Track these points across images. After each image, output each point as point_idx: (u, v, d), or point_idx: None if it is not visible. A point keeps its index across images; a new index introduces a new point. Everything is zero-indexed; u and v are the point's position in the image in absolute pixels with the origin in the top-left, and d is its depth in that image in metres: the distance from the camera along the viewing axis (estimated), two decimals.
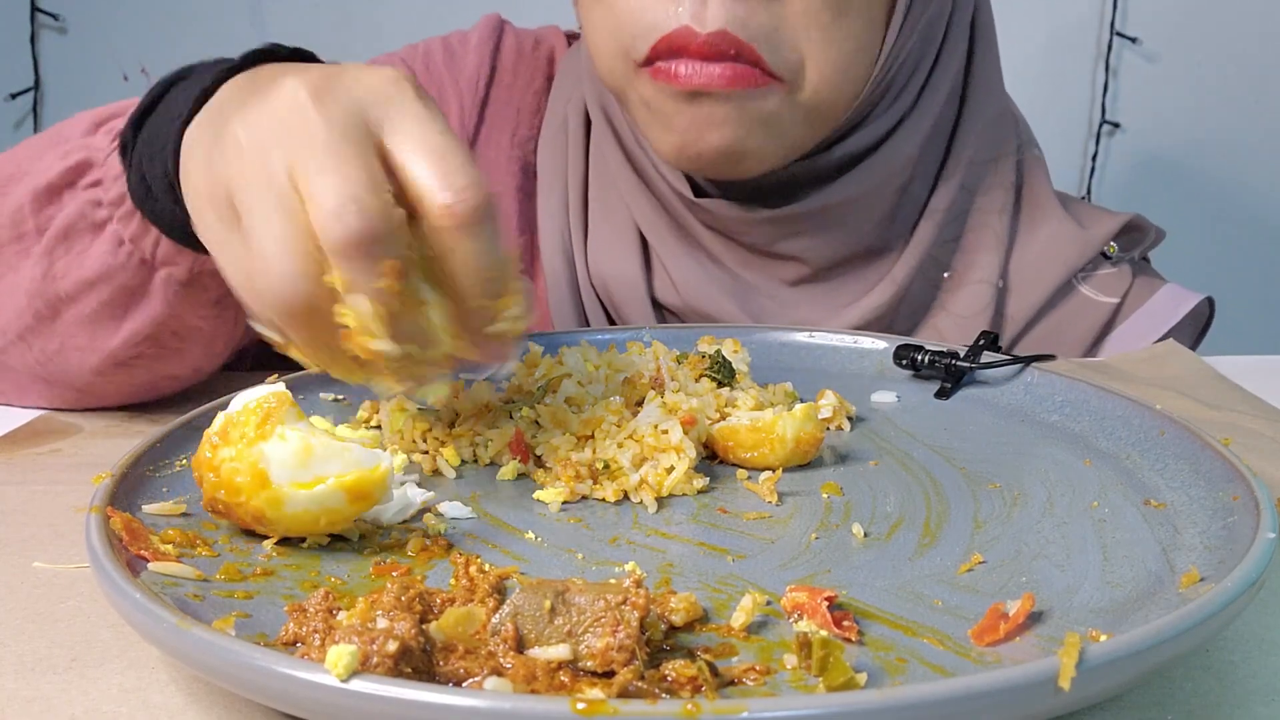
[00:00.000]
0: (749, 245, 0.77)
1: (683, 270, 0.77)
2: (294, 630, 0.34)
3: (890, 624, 0.37)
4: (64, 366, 0.62)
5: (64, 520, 0.48)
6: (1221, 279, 0.84)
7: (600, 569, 0.42)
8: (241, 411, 0.41)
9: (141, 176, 0.54)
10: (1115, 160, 2.05)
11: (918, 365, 0.64)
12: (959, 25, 0.76)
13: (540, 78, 0.86)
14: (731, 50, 0.63)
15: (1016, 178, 0.81)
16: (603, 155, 0.80)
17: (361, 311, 0.41)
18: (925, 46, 0.74)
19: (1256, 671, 0.37)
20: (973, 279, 0.78)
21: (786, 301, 0.77)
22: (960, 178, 0.78)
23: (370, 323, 0.41)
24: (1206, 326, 0.83)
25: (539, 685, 0.32)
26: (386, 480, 0.41)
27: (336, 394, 0.60)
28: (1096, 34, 1.99)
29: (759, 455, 0.51)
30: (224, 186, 0.44)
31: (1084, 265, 0.80)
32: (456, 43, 0.86)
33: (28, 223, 0.59)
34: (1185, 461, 0.48)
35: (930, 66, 0.75)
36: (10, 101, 2.06)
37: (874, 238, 0.77)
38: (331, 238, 0.40)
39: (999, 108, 0.80)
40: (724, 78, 0.64)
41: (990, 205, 0.79)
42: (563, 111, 0.83)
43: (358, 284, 0.41)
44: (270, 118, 0.43)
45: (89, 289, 0.58)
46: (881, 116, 0.73)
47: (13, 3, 2.03)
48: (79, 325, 0.59)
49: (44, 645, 0.38)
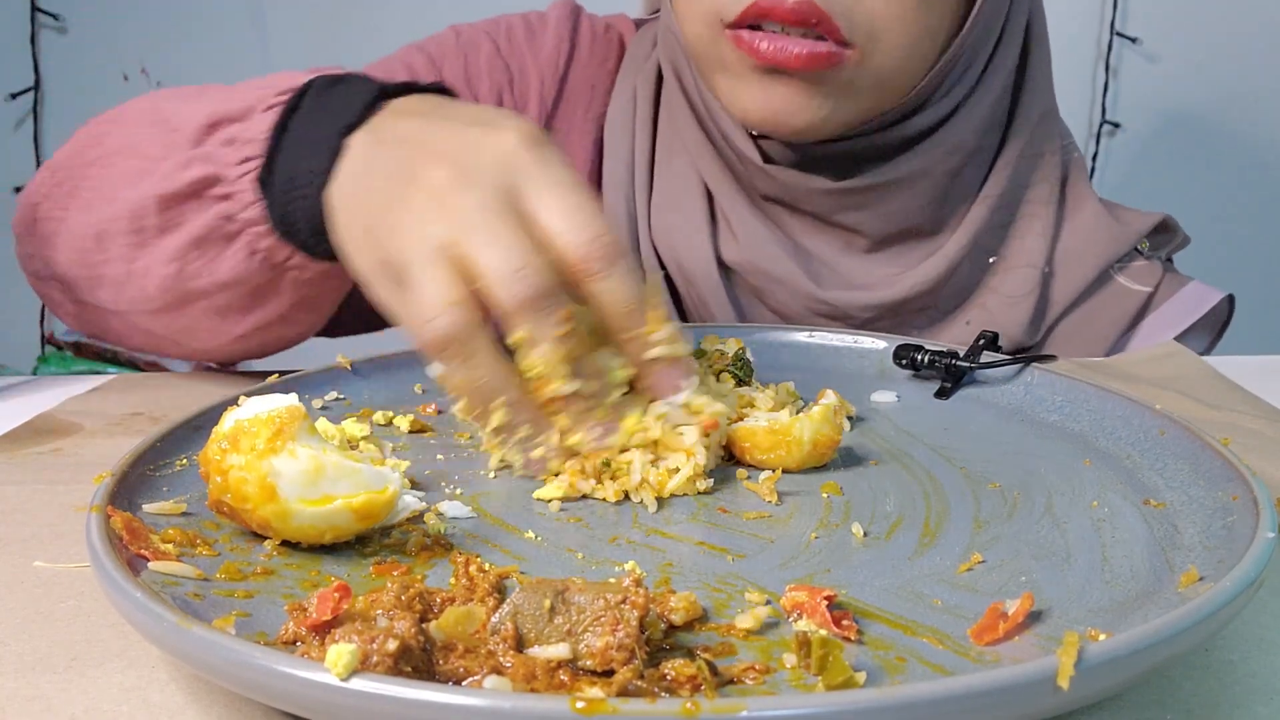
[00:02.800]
0: (810, 213, 0.80)
1: (747, 228, 0.80)
2: (294, 629, 0.34)
3: (890, 623, 0.37)
4: (190, 339, 0.68)
5: (64, 519, 0.48)
6: (1222, 279, 0.84)
7: (600, 568, 0.42)
8: (253, 421, 0.41)
9: (282, 214, 0.59)
10: (1115, 160, 2.05)
11: (918, 365, 0.64)
12: (1015, 21, 0.80)
13: (614, 58, 0.90)
14: (814, 19, 0.66)
15: (1062, 173, 0.85)
16: (672, 115, 0.84)
17: (547, 358, 0.47)
18: (986, 38, 0.77)
19: (1256, 671, 0.37)
20: (1021, 263, 0.82)
21: (843, 268, 0.81)
22: (1013, 168, 0.82)
23: (556, 367, 0.47)
24: (1226, 323, 0.87)
25: (538, 684, 0.32)
26: (394, 501, 0.42)
27: (339, 393, 0.60)
28: (1096, 34, 1.99)
29: (776, 457, 0.51)
30: (392, 265, 0.50)
31: (1120, 256, 0.84)
32: (536, 20, 0.89)
33: (150, 219, 0.62)
34: (1185, 461, 0.48)
35: (988, 59, 0.78)
36: (10, 101, 2.06)
37: (927, 216, 0.81)
38: (514, 299, 0.46)
39: (1048, 105, 0.84)
40: (800, 59, 0.67)
41: (1038, 196, 0.83)
42: (631, 84, 0.86)
43: (540, 335, 0.47)
44: (424, 205, 0.49)
45: (221, 289, 0.63)
46: (941, 101, 0.77)
47: (13, 3, 2.03)
48: (208, 314, 0.65)
49: (44, 644, 0.38)
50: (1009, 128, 0.82)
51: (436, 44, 0.87)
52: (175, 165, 0.61)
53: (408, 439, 0.56)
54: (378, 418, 0.58)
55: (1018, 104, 0.82)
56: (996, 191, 0.81)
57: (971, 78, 0.78)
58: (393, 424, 0.58)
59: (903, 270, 0.80)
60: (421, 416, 0.58)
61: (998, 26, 0.78)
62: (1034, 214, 0.83)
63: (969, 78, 0.78)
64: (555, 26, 0.88)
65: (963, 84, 0.77)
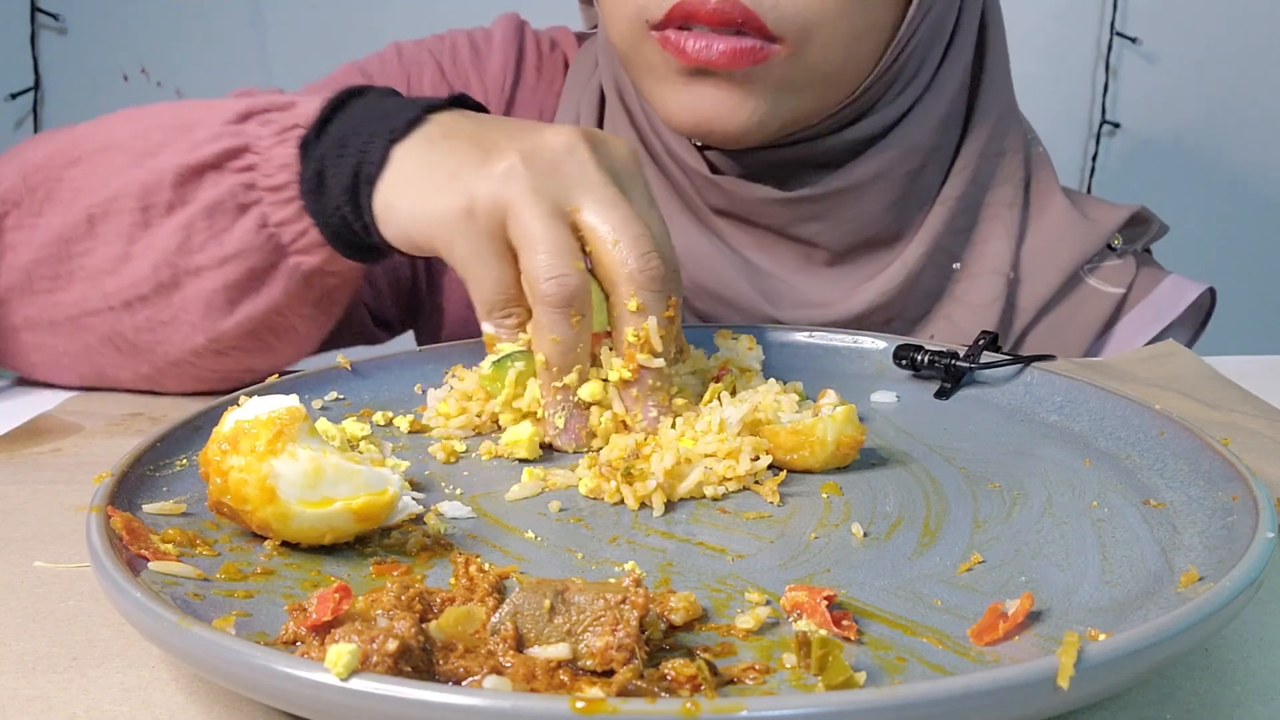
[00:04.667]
0: (764, 227, 0.78)
1: (692, 247, 0.78)
2: (294, 629, 0.34)
3: (889, 623, 0.37)
4: (165, 338, 0.65)
5: (64, 519, 0.48)
6: (1221, 279, 0.84)
7: (600, 568, 0.42)
8: (253, 422, 0.41)
9: (318, 171, 0.59)
10: (1115, 160, 2.05)
11: (917, 365, 0.64)
12: (969, 17, 0.78)
13: (560, 78, 0.87)
14: (739, 18, 0.64)
15: (1025, 173, 0.82)
16: (615, 133, 0.81)
17: (651, 329, 0.52)
18: (936, 35, 0.75)
19: (1255, 670, 0.37)
20: (984, 269, 0.80)
21: (798, 284, 0.78)
22: (972, 168, 0.79)
23: (655, 341, 0.52)
24: (1207, 317, 0.85)
25: (538, 684, 0.32)
26: (394, 503, 0.42)
27: (339, 393, 0.60)
28: (1096, 34, 1.99)
29: (799, 458, 0.51)
30: (484, 213, 0.53)
31: (1091, 256, 0.81)
32: (481, 41, 0.87)
33: (162, 194, 0.62)
34: (1185, 461, 0.48)
35: (940, 56, 0.76)
36: (10, 101, 2.06)
37: (886, 224, 0.78)
38: (645, 272, 0.52)
39: (1007, 103, 0.82)
40: (724, 55, 0.65)
41: (1000, 199, 0.81)
42: (575, 106, 0.84)
43: (653, 309, 0.52)
44: (525, 162, 0.53)
45: (219, 265, 0.62)
46: (893, 103, 0.74)
47: (13, 3, 2.03)
48: (197, 302, 0.64)
49: (45, 644, 0.38)
50: (966, 127, 0.80)
51: (379, 62, 0.85)
52: (204, 138, 0.62)
53: (408, 439, 0.56)
54: (377, 418, 0.58)
55: (975, 102, 0.80)
56: (956, 194, 0.79)
57: (925, 76, 0.76)
58: (392, 424, 0.58)
59: (863, 282, 0.78)
60: (421, 417, 0.58)
61: (949, 23, 0.76)
62: (996, 216, 0.80)
63: (923, 75, 0.75)
64: (501, 48, 0.86)
65: (916, 83, 0.75)
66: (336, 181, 0.59)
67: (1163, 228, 0.86)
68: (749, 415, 0.52)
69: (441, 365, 0.62)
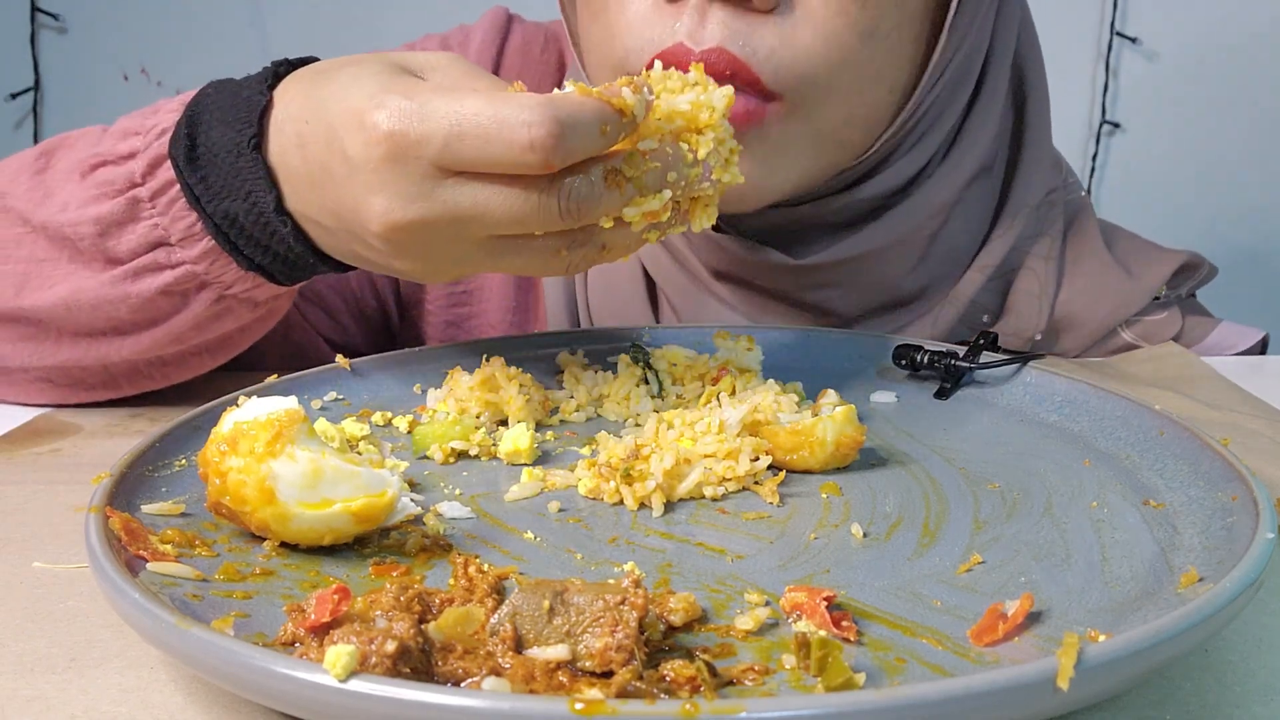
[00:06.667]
0: (773, 293, 0.72)
1: (692, 311, 0.73)
2: (293, 630, 0.34)
3: (889, 624, 0.37)
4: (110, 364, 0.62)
5: (63, 520, 0.48)
6: (1221, 278, 0.84)
7: (599, 569, 0.42)
8: (252, 423, 0.41)
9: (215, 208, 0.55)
10: (1115, 160, 2.06)
11: (917, 365, 0.64)
12: (999, 59, 0.72)
13: (551, 80, 0.80)
14: (727, 70, 0.57)
15: (1064, 223, 0.78)
16: None
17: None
18: (960, 82, 0.69)
19: (1255, 671, 0.37)
20: (1012, 328, 0.75)
21: None
22: (1015, 236, 0.74)
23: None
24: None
25: (537, 685, 0.32)
26: (393, 504, 0.42)
27: (338, 394, 0.60)
28: (1096, 34, 1.99)
29: (799, 458, 0.51)
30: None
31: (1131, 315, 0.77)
32: (455, 43, 0.81)
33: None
34: (1184, 462, 0.48)
35: (967, 104, 0.71)
36: (10, 101, 2.06)
37: (907, 285, 0.73)
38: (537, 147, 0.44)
39: (1050, 152, 0.77)
40: None
41: (1037, 251, 0.76)
42: None
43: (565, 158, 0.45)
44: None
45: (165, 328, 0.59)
46: (908, 154, 0.69)
47: (13, 3, 2.03)
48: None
49: (43, 645, 0.38)
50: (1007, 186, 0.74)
51: None
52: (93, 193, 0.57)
53: (407, 439, 0.56)
54: (377, 418, 0.58)
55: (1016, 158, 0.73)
56: (994, 261, 0.74)
57: (947, 124, 0.69)
58: (392, 424, 0.58)
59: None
60: (421, 417, 0.58)
61: (975, 67, 0.69)
62: (1031, 269, 0.75)
63: (939, 130, 0.69)
64: (478, 49, 0.79)
65: (935, 132, 0.69)
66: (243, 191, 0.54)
67: (1212, 270, 0.81)
68: (748, 416, 0.52)
69: (441, 365, 0.62)
